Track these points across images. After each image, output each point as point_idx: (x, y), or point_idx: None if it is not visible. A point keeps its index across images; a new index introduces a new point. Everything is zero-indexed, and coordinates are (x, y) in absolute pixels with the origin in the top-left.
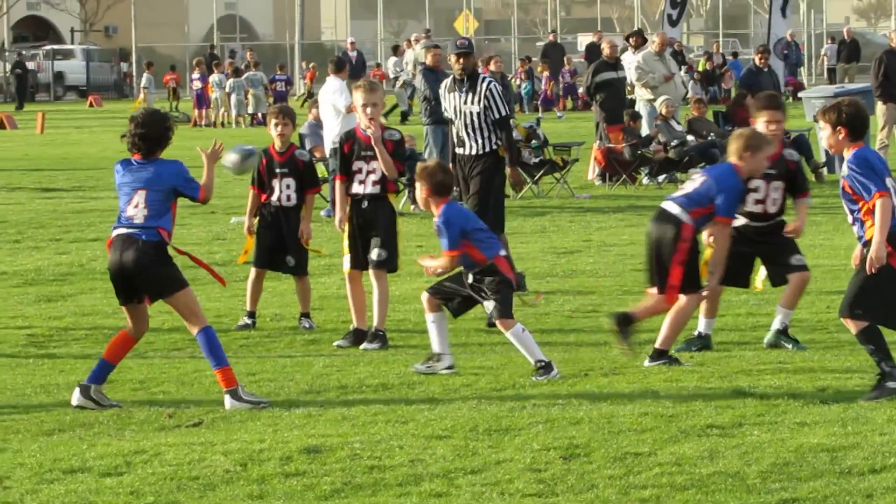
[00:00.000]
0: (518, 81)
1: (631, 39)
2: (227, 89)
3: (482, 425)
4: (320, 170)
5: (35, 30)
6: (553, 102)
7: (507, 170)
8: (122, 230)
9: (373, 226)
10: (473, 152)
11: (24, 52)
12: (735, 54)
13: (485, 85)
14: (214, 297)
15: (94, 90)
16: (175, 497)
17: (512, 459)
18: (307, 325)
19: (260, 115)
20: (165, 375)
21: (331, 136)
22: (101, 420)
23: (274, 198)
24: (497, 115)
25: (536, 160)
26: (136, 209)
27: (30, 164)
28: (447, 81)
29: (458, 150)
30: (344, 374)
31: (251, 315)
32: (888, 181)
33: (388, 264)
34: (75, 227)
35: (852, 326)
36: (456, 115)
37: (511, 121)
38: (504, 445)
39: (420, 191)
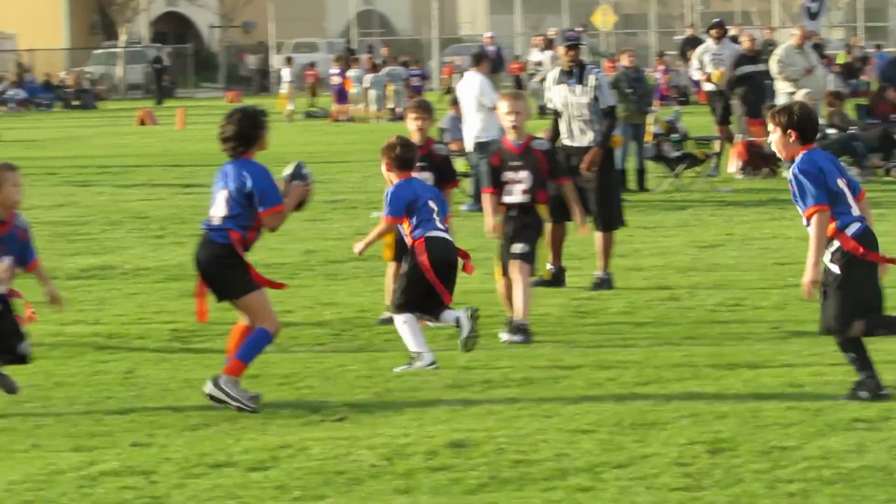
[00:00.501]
0: (657, 76)
1: (712, 31)
2: (366, 84)
3: (627, 419)
4: (460, 164)
5: (174, 26)
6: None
7: (593, 148)
8: (203, 230)
9: (521, 235)
10: (584, 144)
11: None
12: (879, 46)
13: (593, 76)
14: (357, 291)
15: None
16: (322, 491)
17: (658, 454)
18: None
19: (400, 109)
20: (310, 370)
21: (471, 130)
22: (247, 415)
23: None
24: (605, 105)
25: (677, 154)
26: (216, 210)
27: (170, 159)
28: (554, 73)
29: (567, 142)
30: (488, 369)
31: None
32: (839, 181)
33: (529, 258)
34: None
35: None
36: (565, 107)
37: (651, 115)
38: (650, 440)
39: (382, 165)
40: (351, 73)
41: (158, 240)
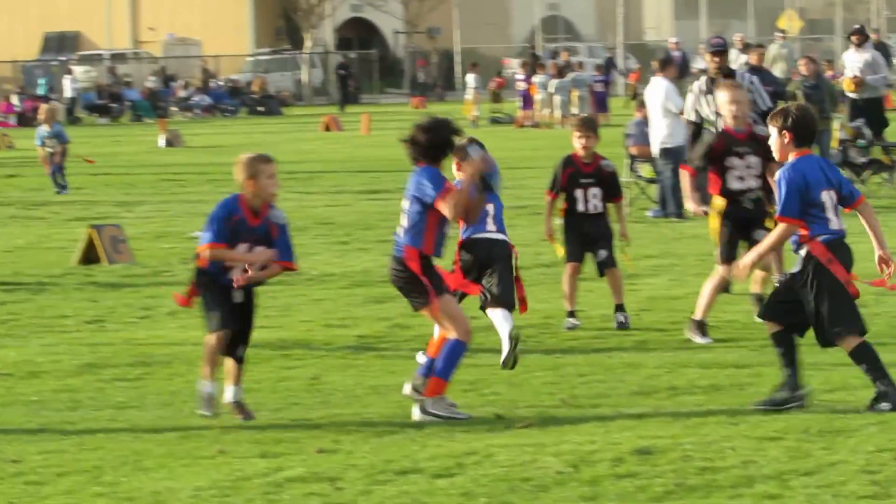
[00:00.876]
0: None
1: (853, 38)
2: (551, 90)
3: (814, 427)
4: (646, 170)
5: (359, 32)
6: None
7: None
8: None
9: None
10: None
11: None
12: None
13: (746, 79)
14: (542, 298)
15: (419, 91)
16: (508, 499)
17: (845, 461)
18: (622, 320)
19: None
20: (496, 377)
21: (657, 136)
22: (432, 421)
23: (580, 207)
24: (764, 107)
25: (864, 160)
26: (402, 220)
27: (356, 165)
28: (700, 84)
29: None
30: (674, 375)
31: (572, 314)
32: (824, 193)
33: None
34: None
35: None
36: (717, 115)
37: (837, 121)
38: (837, 447)
39: (454, 165)
40: (536, 78)
41: (344, 246)
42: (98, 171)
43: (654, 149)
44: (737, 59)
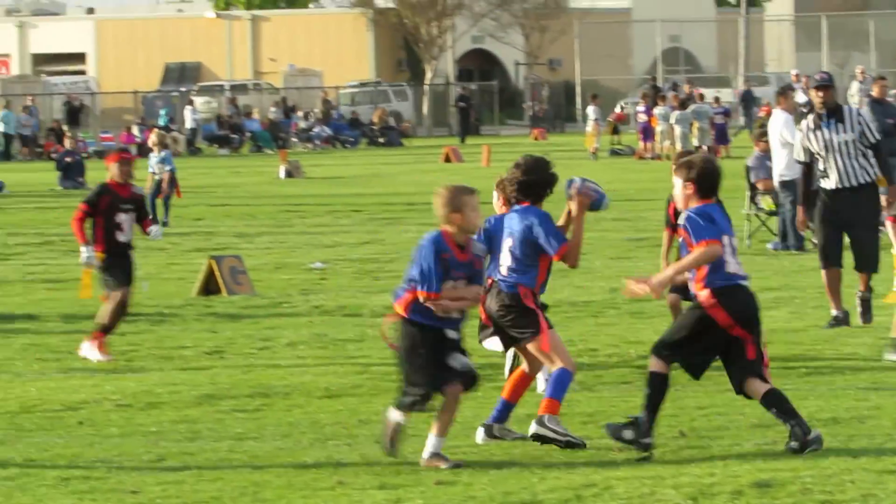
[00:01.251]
0: None
1: None
2: (672, 121)
3: None
4: (767, 202)
5: (480, 63)
6: None
7: (890, 188)
8: (494, 278)
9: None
10: (851, 183)
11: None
12: None
13: (853, 113)
14: (662, 330)
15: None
16: None
17: None
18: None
19: (705, 147)
20: (615, 409)
21: (777, 168)
22: (552, 454)
23: None
24: (873, 140)
25: None
26: (503, 258)
27: (480, 197)
28: (808, 122)
29: (825, 185)
30: None
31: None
32: (725, 238)
33: None
34: None
35: (657, 366)
36: (826, 150)
37: None
38: None
39: (499, 199)
40: (657, 110)
41: None
42: (218, 203)
43: (775, 181)
44: (857, 91)
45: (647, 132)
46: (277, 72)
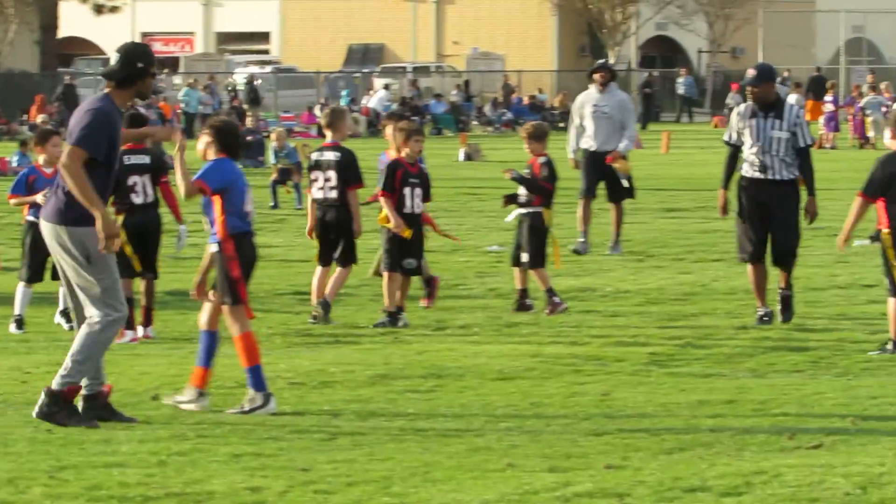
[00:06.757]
0: None
1: None
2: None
3: None
4: None
5: (662, 50)
6: None
7: (808, 198)
8: None
9: None
10: (774, 177)
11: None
12: None
13: (793, 112)
14: (836, 319)
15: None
16: None
17: None
18: None
19: (874, 138)
20: (786, 397)
21: None
22: (722, 440)
23: None
24: (802, 144)
25: None
26: None
27: (654, 183)
28: (744, 108)
29: (755, 174)
30: None
31: None
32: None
33: None
34: (698, 247)
35: None
36: (757, 140)
37: None
38: None
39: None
40: (864, 100)
41: (639, 263)
42: None
43: None
44: None
45: (831, 121)
46: (460, 55)
